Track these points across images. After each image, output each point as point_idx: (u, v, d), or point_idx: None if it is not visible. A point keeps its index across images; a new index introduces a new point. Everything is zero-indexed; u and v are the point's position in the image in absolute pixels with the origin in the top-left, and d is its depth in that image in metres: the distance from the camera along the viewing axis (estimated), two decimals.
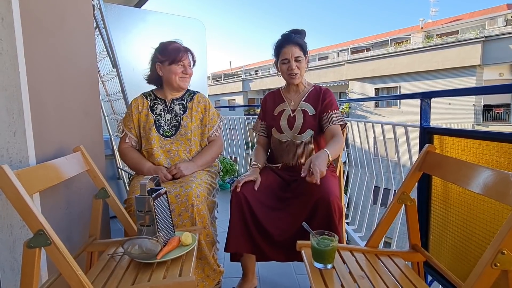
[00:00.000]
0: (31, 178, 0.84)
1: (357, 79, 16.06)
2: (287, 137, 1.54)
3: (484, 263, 0.66)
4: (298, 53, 1.47)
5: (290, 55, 1.47)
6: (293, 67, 1.47)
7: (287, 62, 1.48)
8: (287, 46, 1.48)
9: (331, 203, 1.21)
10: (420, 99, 1.34)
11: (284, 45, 1.49)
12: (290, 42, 1.48)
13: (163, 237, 1.03)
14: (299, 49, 1.48)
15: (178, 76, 1.53)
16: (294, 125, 1.53)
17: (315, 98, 1.55)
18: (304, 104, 1.54)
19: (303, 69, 1.51)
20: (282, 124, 1.55)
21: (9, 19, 0.89)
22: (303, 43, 1.50)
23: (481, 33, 13.38)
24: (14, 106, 0.92)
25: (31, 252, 0.74)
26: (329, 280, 0.89)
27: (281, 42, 1.51)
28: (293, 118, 1.55)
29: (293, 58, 1.47)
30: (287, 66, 1.49)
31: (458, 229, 1.11)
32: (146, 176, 1.05)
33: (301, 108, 1.54)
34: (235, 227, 1.32)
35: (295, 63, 1.48)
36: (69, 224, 1.21)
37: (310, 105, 1.54)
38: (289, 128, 1.54)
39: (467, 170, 0.87)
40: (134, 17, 3.13)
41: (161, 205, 1.05)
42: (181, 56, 1.52)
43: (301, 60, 1.48)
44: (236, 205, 1.33)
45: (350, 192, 2.82)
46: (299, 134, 1.51)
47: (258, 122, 1.69)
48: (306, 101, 1.55)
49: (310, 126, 1.51)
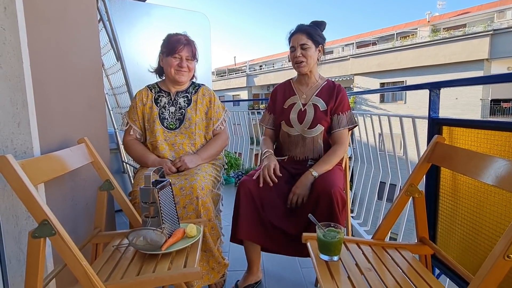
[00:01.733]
0: (35, 169, 0.84)
1: (362, 74, 15.91)
2: (296, 131, 1.52)
3: (496, 254, 0.64)
4: (304, 40, 1.45)
5: (296, 42, 1.46)
6: (297, 54, 1.46)
7: (294, 50, 1.48)
8: (295, 34, 1.48)
9: (333, 195, 1.22)
10: (429, 89, 1.31)
11: (293, 34, 1.50)
12: (298, 30, 1.48)
13: (167, 228, 1.02)
14: (306, 37, 1.46)
15: (174, 68, 1.51)
16: (304, 119, 1.51)
17: (327, 94, 1.52)
18: (316, 99, 1.52)
19: (311, 58, 1.48)
20: (292, 117, 1.53)
21: (12, 8, 0.88)
22: (313, 31, 1.47)
23: (489, 26, 13.15)
24: (18, 96, 0.92)
25: (36, 242, 0.74)
26: (336, 272, 0.88)
27: (292, 31, 1.52)
28: (303, 112, 1.52)
29: (298, 46, 1.46)
30: (293, 54, 1.49)
31: (467, 222, 1.09)
32: (151, 168, 1.05)
33: (313, 102, 1.52)
34: (245, 214, 1.33)
35: (301, 50, 1.46)
36: (74, 216, 1.21)
37: (321, 100, 1.51)
38: (299, 122, 1.52)
39: (478, 161, 0.85)
40: (138, 11, 3.12)
41: (165, 197, 1.05)
42: (178, 49, 1.48)
43: (307, 48, 1.46)
44: (245, 195, 1.35)
45: (355, 186, 2.80)
46: (309, 129, 1.49)
47: (266, 114, 1.66)
48: (318, 95, 1.52)
49: (320, 122, 1.49)
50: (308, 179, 1.34)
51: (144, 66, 1.66)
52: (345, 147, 1.46)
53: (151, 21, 3.19)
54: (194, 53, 1.54)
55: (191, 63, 1.54)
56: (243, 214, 1.34)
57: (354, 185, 2.82)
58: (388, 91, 4.73)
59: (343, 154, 1.44)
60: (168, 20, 3.33)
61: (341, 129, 1.47)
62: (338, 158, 1.42)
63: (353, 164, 2.94)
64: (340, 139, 1.47)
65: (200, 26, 3.65)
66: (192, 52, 1.53)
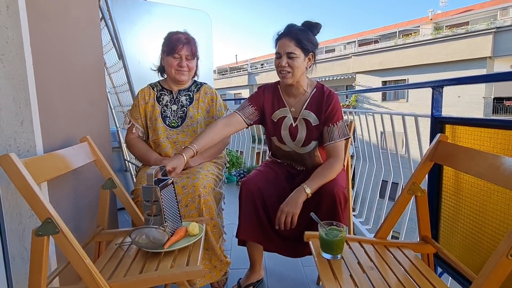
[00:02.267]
0: (38, 167, 0.84)
1: (364, 72, 15.85)
2: (289, 147, 1.43)
3: (500, 253, 0.64)
4: (291, 48, 1.27)
5: (282, 49, 1.29)
6: (282, 63, 1.29)
7: (279, 58, 1.31)
8: (282, 39, 1.30)
9: (336, 194, 1.20)
10: (432, 87, 1.30)
11: (280, 37, 1.31)
12: (287, 34, 1.29)
13: (170, 227, 1.03)
14: (294, 44, 1.27)
15: (174, 68, 1.50)
16: (296, 137, 1.40)
17: (317, 104, 1.37)
18: (306, 113, 1.38)
19: (298, 69, 1.29)
20: (284, 134, 1.42)
21: (14, 6, 0.88)
22: (303, 37, 1.28)
23: (492, 23, 13.07)
24: (21, 95, 0.92)
25: (39, 240, 0.75)
26: (338, 271, 0.88)
27: (280, 34, 1.33)
28: (295, 128, 1.40)
29: (284, 54, 1.28)
30: (278, 62, 1.32)
31: (470, 220, 1.09)
32: (153, 166, 1.05)
33: (303, 117, 1.38)
34: (247, 215, 1.33)
35: (287, 59, 1.28)
36: (77, 214, 1.22)
37: (312, 113, 1.37)
38: (291, 139, 1.41)
39: (482, 159, 0.85)
40: (139, 9, 3.12)
41: (168, 195, 1.05)
42: (177, 48, 1.46)
43: (294, 58, 1.28)
44: (246, 195, 1.33)
45: (357, 185, 2.80)
46: (302, 146, 1.40)
47: (247, 106, 1.43)
48: (308, 108, 1.38)
49: (314, 138, 1.38)
50: (300, 196, 1.20)
51: (146, 65, 1.66)
52: (341, 160, 1.32)
53: (152, 19, 3.19)
54: (194, 52, 1.52)
55: (191, 62, 1.52)
56: (243, 215, 1.34)
57: (356, 184, 2.82)
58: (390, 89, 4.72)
59: (340, 168, 1.30)
60: (170, 19, 3.33)
61: (333, 142, 1.33)
62: (334, 173, 1.28)
63: (355, 163, 2.94)
64: (335, 152, 1.33)
65: (202, 24, 3.65)
66: (191, 51, 1.50)
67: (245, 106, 1.43)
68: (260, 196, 1.33)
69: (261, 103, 1.44)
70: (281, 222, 1.20)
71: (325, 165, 1.30)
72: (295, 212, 1.19)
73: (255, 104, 1.43)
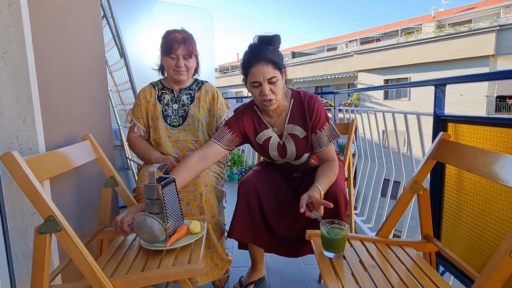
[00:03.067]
0: (40, 165, 0.85)
1: (366, 70, 15.82)
2: (282, 161, 1.39)
3: (502, 252, 0.64)
4: (271, 73, 1.16)
5: (261, 77, 1.16)
6: (266, 91, 1.17)
7: (258, 86, 1.18)
8: (257, 65, 1.16)
9: (338, 195, 1.20)
10: (434, 86, 1.30)
11: (253, 64, 1.17)
12: (260, 59, 1.16)
13: (172, 225, 1.03)
14: (272, 67, 1.16)
15: (172, 69, 1.48)
16: (287, 154, 1.33)
17: (300, 115, 1.29)
18: (290, 127, 1.30)
19: (280, 90, 1.21)
20: (273, 155, 1.35)
21: (16, 5, 0.88)
22: (276, 57, 1.18)
23: (495, 22, 12.98)
24: (23, 93, 0.92)
25: (41, 238, 0.75)
26: (339, 269, 0.88)
27: (249, 59, 1.19)
28: (283, 146, 1.33)
29: (265, 81, 1.17)
30: (259, 90, 1.19)
31: (473, 219, 1.08)
32: (155, 164, 1.05)
33: (288, 132, 1.30)
34: (240, 215, 1.32)
35: (270, 85, 1.17)
36: (79, 212, 1.22)
37: (297, 126, 1.29)
38: (281, 157, 1.36)
39: (485, 158, 0.84)
40: (141, 7, 3.11)
41: (169, 193, 1.05)
42: (173, 48, 1.44)
43: (276, 82, 1.18)
44: (243, 195, 1.32)
45: (359, 183, 2.79)
46: (296, 159, 1.35)
47: (226, 132, 1.31)
48: (291, 122, 1.30)
49: (305, 150, 1.32)
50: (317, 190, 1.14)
51: (147, 63, 1.65)
52: (337, 161, 1.29)
53: (154, 17, 3.19)
54: (191, 50, 1.48)
55: (189, 61, 1.50)
56: (236, 215, 1.33)
57: (357, 182, 2.82)
58: (392, 87, 4.69)
59: (338, 169, 1.26)
60: (171, 16, 3.32)
61: (324, 149, 1.27)
62: (335, 175, 1.24)
63: (356, 161, 2.94)
64: (329, 156, 1.28)
65: (203, 22, 3.64)
66: (188, 50, 1.47)
67: (223, 133, 1.31)
68: (255, 196, 1.32)
69: (242, 129, 1.34)
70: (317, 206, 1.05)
71: (326, 167, 1.25)
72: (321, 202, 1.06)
73: (235, 130, 1.32)
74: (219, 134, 1.31)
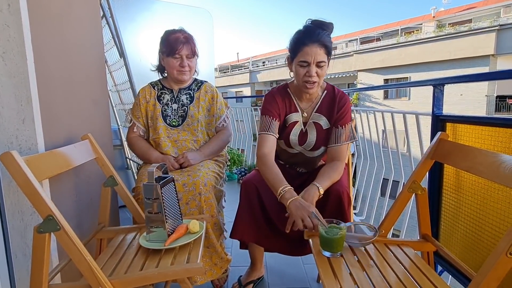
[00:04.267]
0: (40, 165, 0.85)
1: (366, 70, 15.81)
2: (295, 150, 1.38)
3: (499, 251, 0.64)
4: (322, 56, 1.17)
5: (312, 58, 1.16)
6: (312, 73, 1.18)
7: (306, 66, 1.19)
8: (310, 45, 1.16)
9: (342, 194, 1.20)
10: (433, 86, 1.30)
11: (306, 43, 1.17)
12: (315, 40, 1.16)
13: (170, 224, 1.03)
14: (324, 51, 1.17)
15: (176, 69, 1.49)
16: (306, 141, 1.33)
17: (329, 107, 1.31)
18: (316, 116, 1.31)
19: (323, 76, 1.22)
20: (292, 139, 1.35)
21: (16, 5, 0.88)
22: (330, 43, 1.20)
23: (495, 21, 12.96)
24: (22, 93, 0.92)
25: (41, 237, 0.75)
26: (337, 268, 0.88)
27: (303, 38, 1.18)
28: (304, 133, 1.33)
29: (314, 63, 1.17)
30: (305, 71, 1.19)
31: (471, 219, 1.09)
32: (154, 164, 1.05)
33: (313, 120, 1.32)
34: (242, 215, 1.32)
35: (316, 68, 1.18)
36: (78, 211, 1.22)
37: (323, 117, 1.31)
38: (299, 144, 1.35)
39: (483, 157, 0.84)
40: (140, 7, 3.11)
41: (168, 193, 1.06)
42: (177, 48, 1.45)
43: (323, 66, 1.19)
44: (245, 195, 1.33)
45: (358, 183, 2.80)
46: (311, 150, 1.34)
47: (270, 120, 1.30)
48: (319, 111, 1.31)
49: (324, 144, 1.32)
50: (314, 196, 1.12)
51: (147, 63, 1.65)
52: (344, 163, 1.29)
53: (153, 17, 3.19)
54: (193, 50, 1.51)
55: (192, 60, 1.52)
56: (238, 214, 1.33)
57: (357, 182, 2.82)
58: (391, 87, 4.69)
59: (342, 170, 1.27)
60: (171, 16, 3.32)
61: (338, 145, 1.28)
62: (339, 175, 1.24)
63: (356, 161, 2.94)
64: (339, 154, 1.28)
65: (203, 22, 3.64)
66: (191, 50, 1.49)
67: (270, 123, 1.30)
68: (257, 195, 1.32)
69: (279, 111, 1.33)
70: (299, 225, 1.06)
71: (331, 166, 1.25)
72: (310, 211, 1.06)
73: (276, 115, 1.32)
74: (266, 125, 1.30)
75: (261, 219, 1.33)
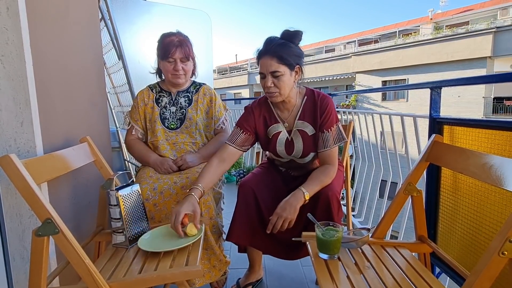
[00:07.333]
0: (38, 168, 0.85)
1: (364, 72, 15.85)
2: (285, 159, 1.39)
3: (492, 251, 0.65)
4: (274, 66, 1.18)
5: (266, 69, 1.20)
6: (268, 83, 1.21)
7: (263, 77, 1.23)
8: (263, 58, 1.21)
9: (330, 199, 1.20)
10: (430, 88, 1.31)
11: (260, 56, 1.22)
12: (266, 52, 1.20)
13: (131, 230, 1.08)
14: (276, 61, 1.18)
15: (170, 73, 1.49)
16: (293, 151, 1.34)
17: (311, 112, 1.31)
18: (300, 123, 1.31)
19: (285, 86, 1.21)
20: (279, 150, 1.35)
21: (14, 8, 0.89)
22: (285, 52, 1.19)
23: (492, 23, 13.06)
24: (21, 96, 0.93)
25: (39, 240, 0.75)
26: (335, 271, 0.89)
27: (259, 52, 1.23)
28: (290, 142, 1.33)
29: (268, 73, 1.20)
30: (263, 82, 1.24)
31: (468, 221, 1.09)
32: (116, 172, 1.09)
33: (297, 128, 1.32)
34: (238, 218, 1.32)
35: (272, 79, 1.20)
36: (77, 214, 1.22)
37: (307, 123, 1.31)
38: (287, 154, 1.35)
39: (476, 159, 0.85)
40: (139, 9, 3.12)
41: (130, 199, 1.11)
42: (170, 52, 1.44)
43: (279, 76, 1.19)
44: (242, 198, 1.33)
45: (356, 185, 2.80)
46: (301, 157, 1.35)
47: (239, 132, 1.34)
48: (302, 118, 1.31)
49: (313, 150, 1.32)
50: (298, 201, 1.16)
51: (145, 65, 1.66)
52: (336, 166, 1.29)
53: (152, 19, 3.20)
54: (188, 53, 1.48)
55: (187, 64, 1.50)
56: (235, 217, 1.33)
57: (355, 183, 2.83)
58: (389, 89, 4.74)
59: (334, 173, 1.27)
60: (169, 19, 3.33)
61: (327, 149, 1.28)
62: (330, 179, 1.25)
63: (354, 162, 2.95)
64: (330, 159, 1.28)
65: (202, 24, 3.65)
66: (185, 53, 1.47)
67: (236, 135, 1.34)
68: (253, 198, 1.32)
69: (253, 126, 1.36)
70: (277, 227, 1.16)
71: (322, 170, 1.26)
72: (292, 217, 1.15)
73: (247, 129, 1.34)
74: (232, 136, 1.35)
75: (257, 222, 1.33)
